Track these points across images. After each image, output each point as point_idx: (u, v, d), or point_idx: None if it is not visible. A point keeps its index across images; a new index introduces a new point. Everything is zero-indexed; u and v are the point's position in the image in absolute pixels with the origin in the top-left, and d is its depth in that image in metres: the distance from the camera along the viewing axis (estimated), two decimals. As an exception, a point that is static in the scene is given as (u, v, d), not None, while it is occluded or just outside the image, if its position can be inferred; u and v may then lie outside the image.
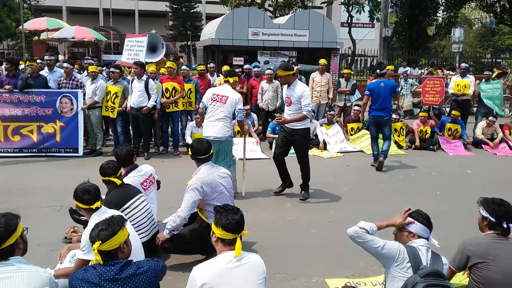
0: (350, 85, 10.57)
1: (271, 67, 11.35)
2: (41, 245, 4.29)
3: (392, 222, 3.16)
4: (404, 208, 3.18)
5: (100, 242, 2.51)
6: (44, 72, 8.60)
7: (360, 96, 11.02)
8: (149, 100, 8.12)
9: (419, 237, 3.06)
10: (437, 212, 4.12)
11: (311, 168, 6.22)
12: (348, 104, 10.77)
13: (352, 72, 12.62)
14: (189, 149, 4.38)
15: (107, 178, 4.00)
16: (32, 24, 17.13)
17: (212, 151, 4.35)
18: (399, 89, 12.94)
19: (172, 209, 5.40)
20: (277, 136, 9.20)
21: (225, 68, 10.43)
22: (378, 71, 8.17)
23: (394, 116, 9.31)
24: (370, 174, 7.70)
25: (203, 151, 4.25)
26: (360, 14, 21.09)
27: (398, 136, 9.87)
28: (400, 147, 9.67)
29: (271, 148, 9.20)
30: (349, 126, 10.14)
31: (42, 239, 4.38)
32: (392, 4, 25.99)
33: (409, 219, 3.10)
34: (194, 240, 4.12)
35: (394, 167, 8.08)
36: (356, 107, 10.08)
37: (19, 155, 8.08)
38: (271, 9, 26.79)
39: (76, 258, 3.28)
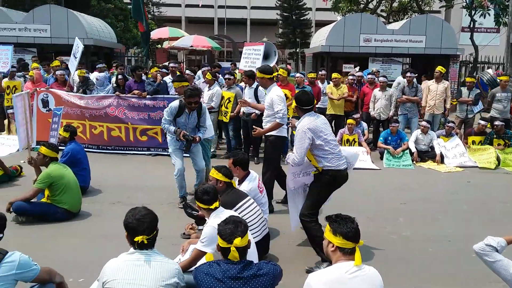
0: (473, 95, 9.80)
1: (386, 75, 10.97)
2: (163, 239, 4.59)
3: None
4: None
5: (240, 238, 2.65)
6: (167, 78, 9.29)
7: (484, 107, 10.16)
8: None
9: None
10: None
11: (427, 181, 5.89)
12: (470, 116, 9.98)
13: (475, 81, 11.67)
14: (294, 101, 4.49)
15: (228, 180, 4.24)
16: (156, 33, 18.62)
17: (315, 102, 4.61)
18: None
19: (276, 213, 5.50)
20: (389, 146, 8.94)
21: (335, 75, 10.28)
22: None
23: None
24: (493, 191, 7.06)
25: (308, 102, 4.38)
26: (484, 18, 19.46)
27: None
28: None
29: (381, 158, 8.91)
30: (470, 139, 9.38)
31: (164, 233, 4.69)
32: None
33: None
34: None
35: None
36: (482, 122, 9.32)
37: (147, 153, 8.88)
38: (384, 14, 25.96)
39: (194, 249, 3.49)
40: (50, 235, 4.88)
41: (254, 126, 5.80)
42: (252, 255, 3.33)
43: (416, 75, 10.28)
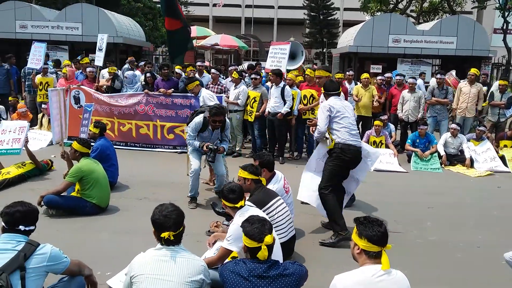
0: (506, 98, 9.53)
1: (415, 76, 10.79)
2: (188, 236, 4.63)
3: None
4: None
5: (269, 235, 2.67)
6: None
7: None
8: (284, 107, 8.34)
9: None
10: None
11: (456, 186, 5.82)
12: (502, 120, 9.71)
13: (509, 84, 11.35)
14: (323, 89, 5.26)
15: (257, 177, 4.23)
16: (184, 32, 18.73)
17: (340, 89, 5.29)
18: None
19: (302, 214, 5.48)
20: (417, 149, 8.79)
21: (365, 75, 10.17)
22: None
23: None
24: (526, 198, 6.85)
25: (333, 89, 5.12)
26: (518, 19, 18.93)
27: None
28: None
29: (409, 161, 8.77)
30: (502, 143, 9.13)
31: (189, 230, 4.73)
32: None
33: None
34: None
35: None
36: None
37: (173, 151, 9.01)
38: (414, 14, 25.52)
39: (220, 247, 3.51)
40: (79, 228, 5.00)
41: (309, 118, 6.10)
42: (277, 255, 3.33)
43: (446, 77, 10.07)
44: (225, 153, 6.10)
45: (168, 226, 2.74)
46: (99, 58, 9.95)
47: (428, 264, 4.40)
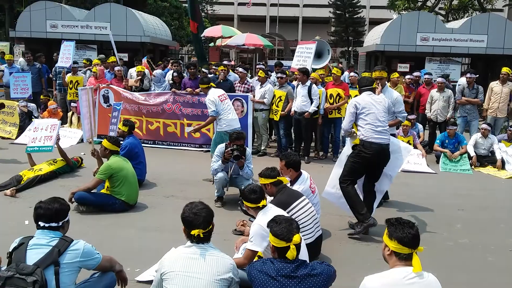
0: (539, 98, 9.25)
1: (443, 75, 10.57)
2: (216, 234, 4.66)
3: None
4: None
5: (297, 234, 2.68)
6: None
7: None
8: (311, 105, 8.29)
9: None
10: None
11: (486, 187, 5.70)
12: (535, 120, 9.44)
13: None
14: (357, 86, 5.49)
15: (275, 179, 4.19)
16: (209, 31, 18.87)
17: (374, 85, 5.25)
18: None
19: (328, 215, 5.45)
20: (446, 150, 8.61)
21: (395, 75, 9.98)
22: None
23: None
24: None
25: (363, 84, 5.14)
26: (553, 16, 18.31)
27: None
28: None
29: (438, 162, 8.60)
30: (535, 144, 8.86)
31: (216, 229, 4.76)
32: None
33: None
34: None
35: None
36: None
37: (199, 149, 9.10)
38: (443, 12, 25.01)
39: (245, 249, 3.53)
40: (108, 224, 5.10)
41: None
42: (303, 255, 3.31)
43: (477, 76, 9.83)
44: (251, 177, 6.01)
45: (198, 224, 2.77)
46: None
47: (458, 267, 4.31)
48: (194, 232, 2.75)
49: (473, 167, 8.41)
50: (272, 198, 4.18)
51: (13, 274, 2.64)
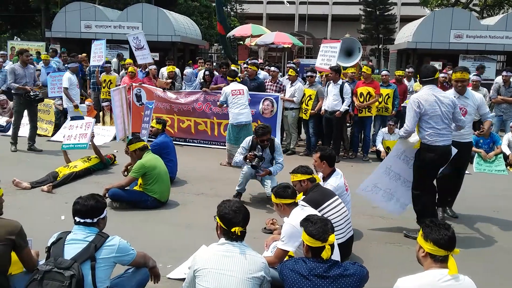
0: None
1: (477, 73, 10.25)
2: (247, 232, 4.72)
3: None
4: None
5: (332, 234, 2.69)
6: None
7: None
8: (342, 104, 8.22)
9: None
10: None
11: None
12: None
13: None
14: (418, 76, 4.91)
15: (311, 176, 4.19)
16: (239, 30, 18.92)
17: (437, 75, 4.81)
18: None
19: (359, 215, 5.39)
20: (480, 150, 8.37)
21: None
22: None
23: None
24: None
25: (425, 75, 4.67)
26: None
27: None
28: None
29: (471, 162, 8.36)
30: None
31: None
32: None
33: None
34: None
35: None
36: None
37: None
38: (477, 9, 24.32)
39: (276, 248, 3.53)
40: (141, 221, 5.19)
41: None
42: (335, 256, 3.29)
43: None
44: (274, 176, 5.96)
45: (237, 221, 2.80)
46: (144, 56, 10.14)
47: (494, 270, 4.21)
48: (235, 229, 2.78)
49: (508, 167, 8.15)
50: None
51: (51, 268, 2.70)
